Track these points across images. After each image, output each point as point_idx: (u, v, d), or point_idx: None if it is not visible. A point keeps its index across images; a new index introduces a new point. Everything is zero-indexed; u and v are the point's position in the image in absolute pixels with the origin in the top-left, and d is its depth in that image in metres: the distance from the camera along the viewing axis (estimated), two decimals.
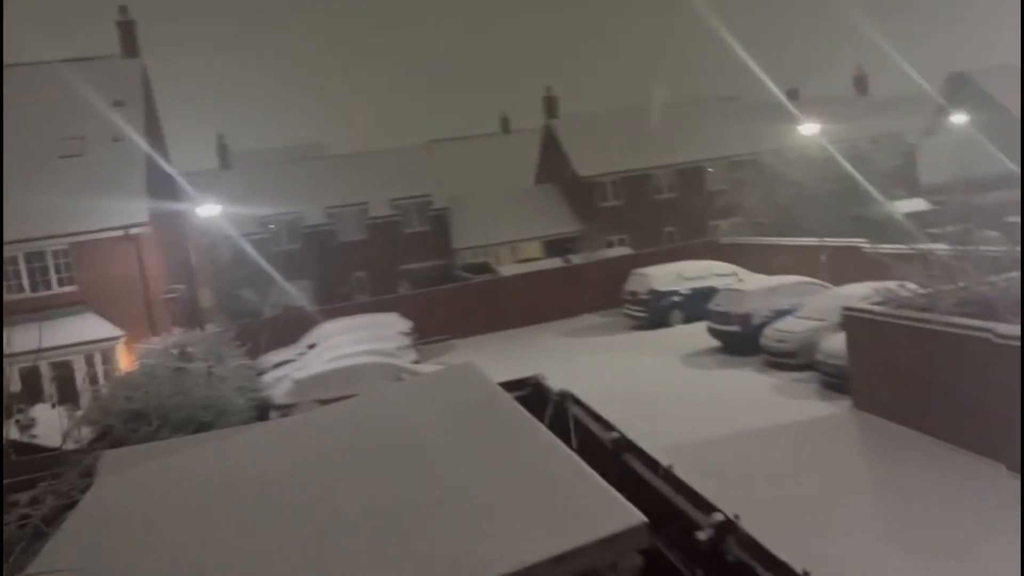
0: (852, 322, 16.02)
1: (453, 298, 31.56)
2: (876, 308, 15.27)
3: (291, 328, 27.51)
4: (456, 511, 5.70)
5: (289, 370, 22.01)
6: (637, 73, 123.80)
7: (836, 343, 17.17)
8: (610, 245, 38.60)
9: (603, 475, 5.93)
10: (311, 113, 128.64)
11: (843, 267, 23.68)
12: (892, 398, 14.82)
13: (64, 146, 25.55)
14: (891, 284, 15.43)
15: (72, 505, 7.56)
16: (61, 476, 7.76)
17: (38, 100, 26.70)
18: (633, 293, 28.04)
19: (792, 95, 46.72)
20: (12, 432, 8.95)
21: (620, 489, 5.68)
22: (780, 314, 20.99)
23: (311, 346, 24.71)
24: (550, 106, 44.52)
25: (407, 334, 25.23)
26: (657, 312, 27.07)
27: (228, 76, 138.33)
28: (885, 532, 11.15)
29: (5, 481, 7.62)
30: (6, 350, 9.03)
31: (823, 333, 18.56)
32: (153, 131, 28.79)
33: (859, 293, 17.66)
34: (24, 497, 7.28)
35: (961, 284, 14.14)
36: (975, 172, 15.29)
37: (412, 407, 8.57)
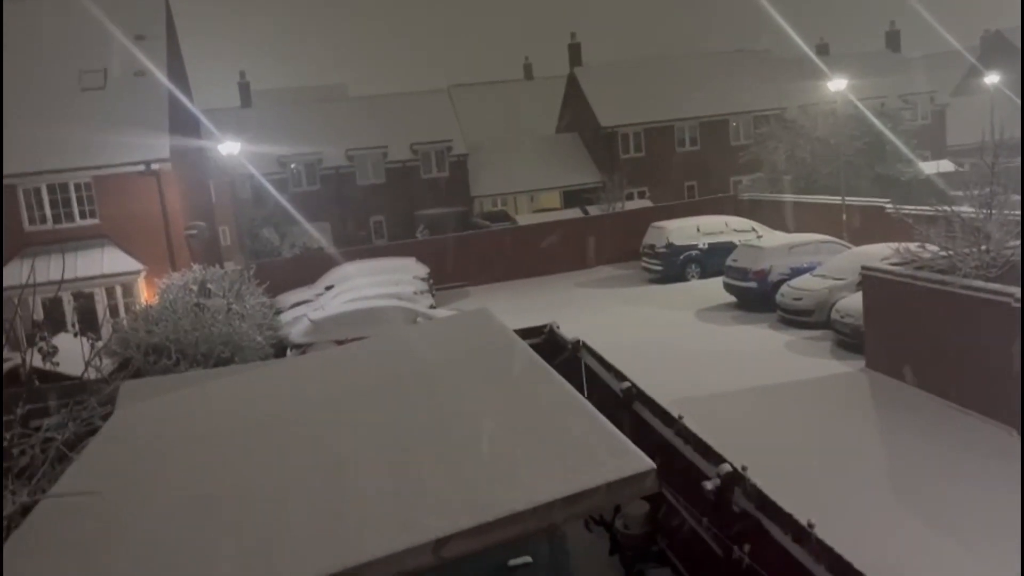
0: (870, 282, 15.93)
1: (470, 245, 31.57)
2: (895, 268, 15.17)
3: (309, 269, 27.72)
4: (467, 451, 5.79)
5: (307, 310, 22.19)
6: (664, 22, 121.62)
7: (852, 302, 17.11)
8: (630, 197, 38.30)
9: (614, 423, 6.00)
10: (333, 54, 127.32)
11: (865, 227, 23.46)
12: (906, 359, 14.80)
13: (86, 79, 25.47)
14: (912, 245, 15.29)
15: (93, 431, 7.74)
16: (83, 403, 7.93)
17: (60, 31, 26.55)
18: (651, 246, 27.92)
19: (822, 50, 45.82)
20: (35, 359, 9.11)
21: (630, 437, 5.75)
22: (798, 272, 20.90)
23: (329, 287, 24.85)
24: (574, 53, 43.86)
25: (424, 279, 25.31)
26: (674, 266, 26.99)
27: (252, 14, 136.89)
28: (888, 491, 11.23)
29: (29, 406, 7.79)
30: (30, 279, 9.18)
31: (840, 292, 18.49)
32: (175, 67, 28.62)
33: (879, 253, 17.52)
34: (47, 422, 7.46)
35: (983, 247, 14.00)
36: (1004, 134, 14.96)
37: (427, 349, 8.66)
